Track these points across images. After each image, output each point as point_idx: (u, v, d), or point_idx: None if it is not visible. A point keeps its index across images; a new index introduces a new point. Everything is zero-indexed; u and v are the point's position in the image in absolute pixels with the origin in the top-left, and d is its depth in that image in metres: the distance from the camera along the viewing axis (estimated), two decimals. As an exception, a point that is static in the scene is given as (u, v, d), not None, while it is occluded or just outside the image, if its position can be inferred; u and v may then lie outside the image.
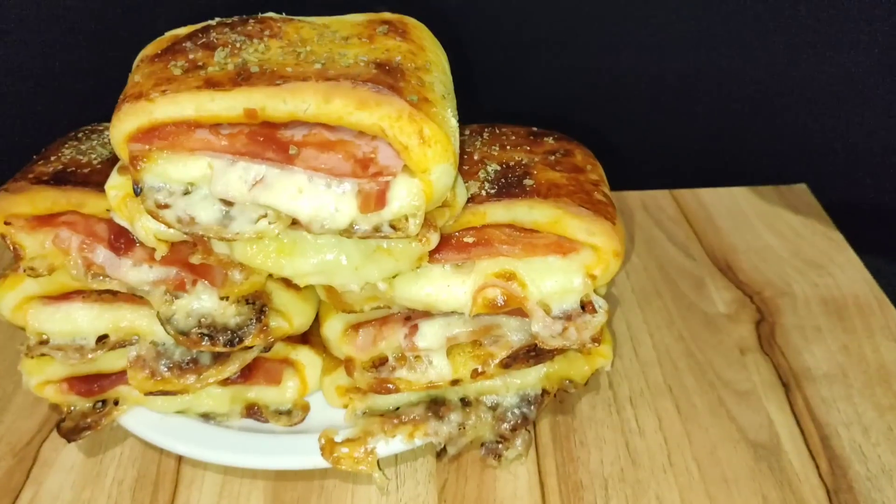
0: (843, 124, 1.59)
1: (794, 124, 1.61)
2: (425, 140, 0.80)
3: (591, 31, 1.52)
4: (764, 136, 1.64)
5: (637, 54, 1.54)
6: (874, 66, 1.49)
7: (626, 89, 1.60)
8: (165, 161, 0.83)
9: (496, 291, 0.93)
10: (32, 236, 0.95)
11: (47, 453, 1.09)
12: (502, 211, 0.93)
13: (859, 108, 1.55)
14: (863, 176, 1.62)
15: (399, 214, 0.82)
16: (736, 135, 1.65)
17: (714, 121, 1.62)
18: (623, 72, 1.57)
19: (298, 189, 0.82)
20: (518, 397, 1.04)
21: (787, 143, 1.64)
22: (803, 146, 1.63)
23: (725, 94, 1.59)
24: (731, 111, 1.61)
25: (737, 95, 1.59)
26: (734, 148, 1.67)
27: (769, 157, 1.66)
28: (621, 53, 1.55)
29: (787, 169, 1.64)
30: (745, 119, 1.62)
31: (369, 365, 1.01)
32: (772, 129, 1.63)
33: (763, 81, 1.56)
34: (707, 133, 1.65)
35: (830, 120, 1.59)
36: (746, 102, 1.60)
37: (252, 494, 1.03)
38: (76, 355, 0.98)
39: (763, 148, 1.66)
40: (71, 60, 1.46)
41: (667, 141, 1.67)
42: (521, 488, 1.03)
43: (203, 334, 0.94)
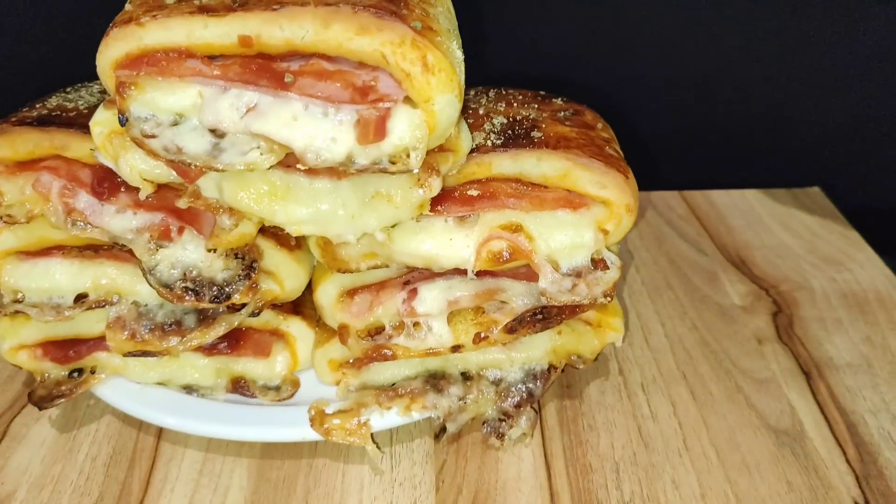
0: (855, 129, 1.55)
1: (806, 129, 1.57)
2: (429, 67, 0.76)
3: (604, 32, 1.50)
4: (775, 142, 1.60)
5: (648, 56, 1.51)
6: (891, 70, 1.46)
7: (634, 90, 1.57)
8: (154, 89, 0.78)
9: (502, 244, 0.87)
10: (11, 181, 0.90)
11: (17, 429, 1.01)
12: (509, 162, 0.88)
13: (874, 112, 1.52)
14: (875, 180, 1.57)
15: (399, 147, 0.77)
16: (745, 140, 1.61)
17: (723, 124, 1.59)
18: (633, 74, 1.54)
19: (293, 117, 0.77)
20: (523, 372, 0.97)
21: (798, 148, 1.60)
22: (815, 151, 1.59)
23: (737, 97, 1.56)
24: (741, 114, 1.58)
25: (749, 99, 1.56)
26: (743, 153, 1.63)
27: (779, 163, 1.62)
28: (632, 56, 1.52)
29: (798, 174, 1.60)
30: (755, 123, 1.58)
31: (364, 333, 0.94)
32: (782, 135, 1.59)
33: (776, 85, 1.53)
34: (716, 137, 1.61)
35: (842, 125, 1.55)
36: (757, 106, 1.56)
37: (235, 472, 0.95)
38: (52, 313, 0.92)
39: (774, 153, 1.62)
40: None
41: (674, 144, 1.63)
42: (526, 470, 0.95)
43: (188, 288, 0.88)
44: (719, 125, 1.60)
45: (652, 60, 1.52)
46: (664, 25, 1.48)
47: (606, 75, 1.55)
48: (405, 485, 0.93)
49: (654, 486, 0.92)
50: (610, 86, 1.56)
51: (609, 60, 1.53)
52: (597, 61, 1.53)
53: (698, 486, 0.92)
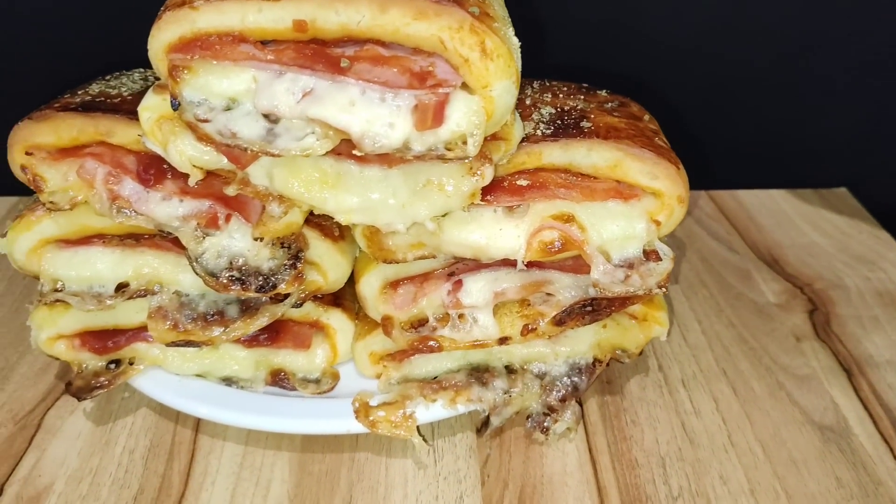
0: (878, 131, 1.55)
1: (829, 130, 1.57)
2: (487, 53, 0.75)
3: (628, 28, 1.49)
4: (797, 142, 1.60)
5: (670, 56, 1.51)
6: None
7: (654, 91, 1.56)
8: (207, 73, 0.77)
9: (553, 234, 0.86)
10: (54, 168, 0.88)
11: (52, 421, 1.00)
12: (559, 152, 0.87)
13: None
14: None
15: (457, 133, 0.76)
16: (766, 141, 1.61)
17: (745, 124, 1.58)
18: (653, 74, 1.54)
19: (350, 102, 0.76)
20: (567, 366, 0.96)
21: (820, 149, 1.59)
22: (841, 152, 1.59)
23: (760, 97, 1.55)
24: (763, 115, 1.57)
25: (771, 99, 1.55)
26: (765, 153, 1.62)
27: (800, 164, 1.61)
28: (653, 55, 1.52)
29: (819, 175, 1.59)
30: (777, 124, 1.58)
31: (408, 325, 0.93)
32: (805, 136, 1.59)
33: (799, 84, 1.53)
34: (737, 137, 1.60)
35: (866, 126, 1.55)
36: (780, 106, 1.56)
37: (276, 466, 0.94)
38: (93, 302, 0.91)
39: (795, 154, 1.61)
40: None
41: (697, 144, 1.62)
42: (571, 465, 0.94)
43: (234, 277, 0.87)
44: (741, 125, 1.59)
45: (674, 60, 1.51)
46: (691, 25, 1.48)
47: (630, 73, 1.54)
48: (450, 479, 0.92)
49: (703, 481, 0.91)
50: (633, 85, 1.55)
51: (631, 59, 1.52)
52: (619, 58, 1.52)
53: (746, 482, 0.91)
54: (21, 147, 0.88)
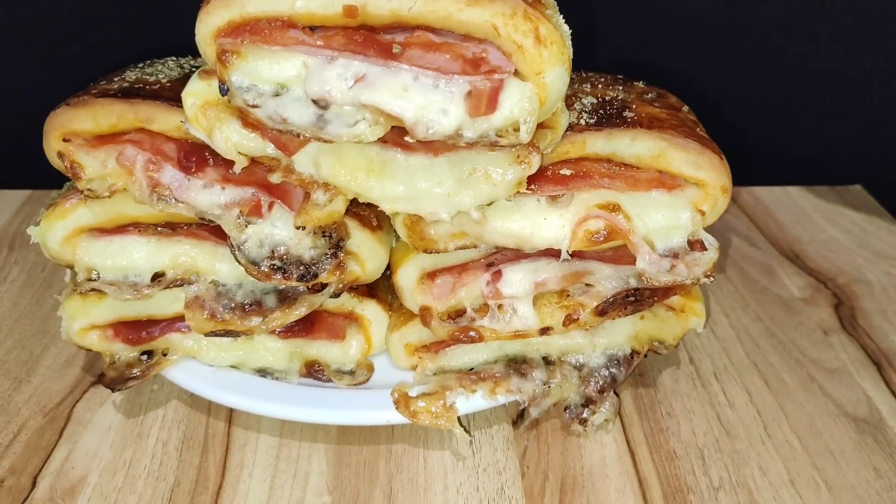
0: (891, 128, 1.56)
1: (846, 127, 1.58)
2: (541, 39, 0.74)
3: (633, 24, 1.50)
4: (811, 139, 1.61)
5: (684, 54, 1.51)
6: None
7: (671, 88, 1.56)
8: (256, 58, 0.76)
9: (599, 224, 0.85)
10: (92, 155, 0.87)
11: (81, 413, 0.98)
12: (602, 141, 0.86)
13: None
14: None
15: (510, 120, 0.76)
16: (779, 138, 1.61)
17: (760, 120, 1.59)
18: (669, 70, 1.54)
19: (403, 87, 0.75)
20: (605, 357, 0.96)
21: (838, 146, 1.60)
22: (853, 149, 1.60)
23: (774, 95, 1.56)
24: (776, 112, 1.58)
25: (785, 96, 1.56)
26: (778, 150, 1.63)
27: (816, 160, 1.62)
28: (668, 52, 1.52)
29: (830, 172, 1.60)
30: (791, 120, 1.59)
31: (445, 316, 0.93)
32: (818, 133, 1.60)
33: (811, 83, 1.54)
34: (751, 134, 1.61)
35: (882, 124, 1.56)
36: (793, 103, 1.57)
37: (313, 457, 0.93)
38: (130, 291, 0.89)
39: (811, 151, 1.62)
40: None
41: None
42: (610, 456, 0.93)
43: (276, 266, 0.86)
44: (754, 122, 1.60)
45: (687, 58, 1.52)
46: (706, 23, 1.48)
47: (645, 69, 1.54)
48: (489, 470, 0.91)
49: (742, 472, 0.91)
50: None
51: (644, 54, 1.53)
52: (632, 52, 1.53)
53: (786, 473, 0.91)
54: (58, 133, 0.87)
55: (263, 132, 0.81)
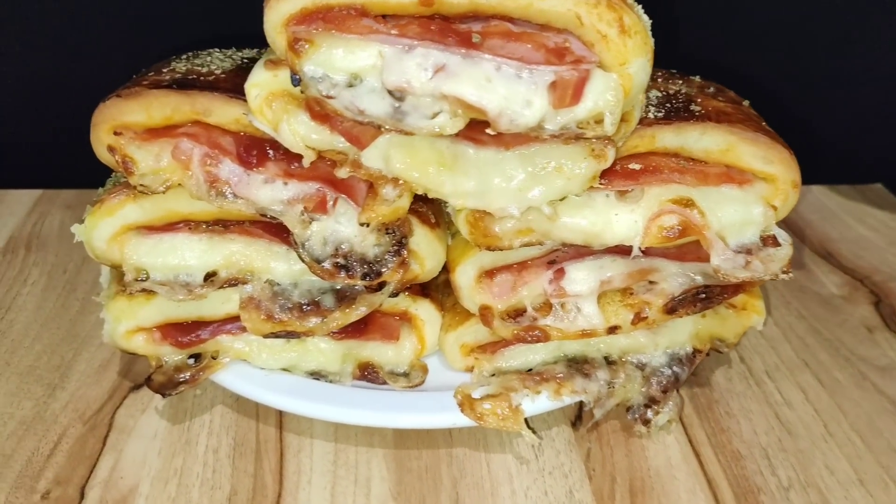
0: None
1: (864, 125, 1.58)
2: (625, 29, 0.73)
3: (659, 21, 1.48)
4: (830, 138, 1.61)
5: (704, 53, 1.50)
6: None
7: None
8: (330, 47, 0.73)
9: (672, 220, 0.84)
10: (144, 149, 0.83)
11: (123, 420, 0.94)
12: (671, 135, 0.85)
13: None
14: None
15: (593, 112, 0.74)
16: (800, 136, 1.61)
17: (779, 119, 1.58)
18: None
19: (486, 78, 0.72)
20: (667, 356, 0.94)
21: (856, 144, 1.61)
22: (873, 147, 1.61)
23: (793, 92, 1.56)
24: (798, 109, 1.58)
25: (804, 94, 1.56)
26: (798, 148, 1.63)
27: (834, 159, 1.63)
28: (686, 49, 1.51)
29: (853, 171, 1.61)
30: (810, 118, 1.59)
31: (505, 315, 0.90)
32: (839, 130, 1.60)
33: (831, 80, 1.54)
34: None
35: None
36: (811, 101, 1.57)
37: (372, 462, 0.89)
38: (183, 291, 0.85)
39: (830, 149, 1.62)
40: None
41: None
42: (675, 457, 0.91)
43: (339, 264, 0.83)
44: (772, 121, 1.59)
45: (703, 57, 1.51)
46: (726, 23, 1.48)
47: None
48: (555, 473, 0.89)
49: (809, 471, 0.90)
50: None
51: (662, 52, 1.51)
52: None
53: (853, 472, 0.90)
54: (108, 126, 0.83)
55: (333, 125, 0.78)
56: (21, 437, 0.91)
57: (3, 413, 0.94)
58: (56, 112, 1.43)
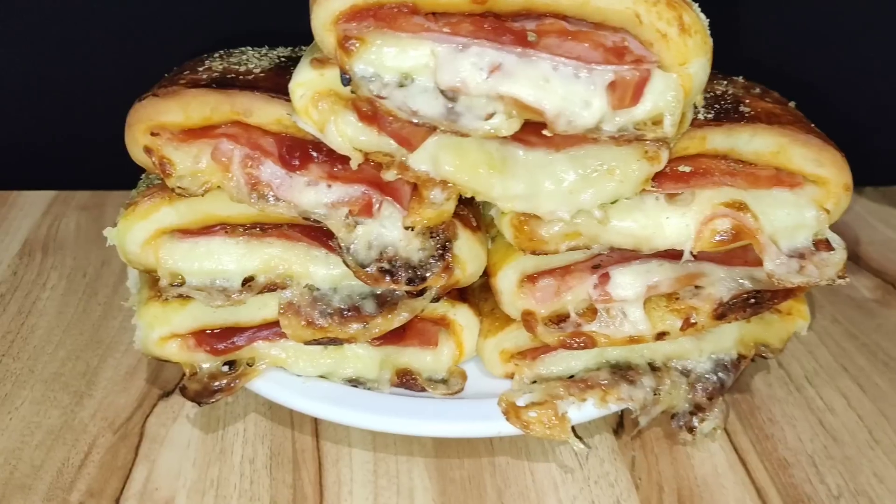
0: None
1: (883, 126, 1.57)
2: (685, 28, 0.71)
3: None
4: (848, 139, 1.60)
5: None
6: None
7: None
8: (382, 45, 0.71)
9: (725, 223, 0.82)
10: (182, 150, 0.80)
11: (154, 429, 0.91)
12: (722, 137, 0.83)
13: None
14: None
15: (653, 113, 0.72)
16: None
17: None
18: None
19: (544, 78, 0.70)
20: (712, 362, 0.92)
21: (876, 145, 1.60)
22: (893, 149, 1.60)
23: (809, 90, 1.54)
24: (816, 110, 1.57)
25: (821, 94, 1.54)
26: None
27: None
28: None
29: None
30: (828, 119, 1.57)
31: (547, 321, 0.88)
32: (858, 133, 1.59)
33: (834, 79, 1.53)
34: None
35: None
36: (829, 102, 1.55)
37: (413, 472, 0.87)
38: (221, 297, 0.83)
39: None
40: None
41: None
42: (721, 465, 0.90)
43: (384, 269, 0.80)
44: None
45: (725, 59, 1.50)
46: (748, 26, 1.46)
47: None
48: (601, 483, 0.87)
49: (858, 479, 0.88)
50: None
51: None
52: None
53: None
54: (145, 127, 0.80)
55: (381, 126, 0.75)
56: (50, 447, 0.88)
57: (29, 422, 0.91)
58: (67, 113, 1.40)
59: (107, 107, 1.36)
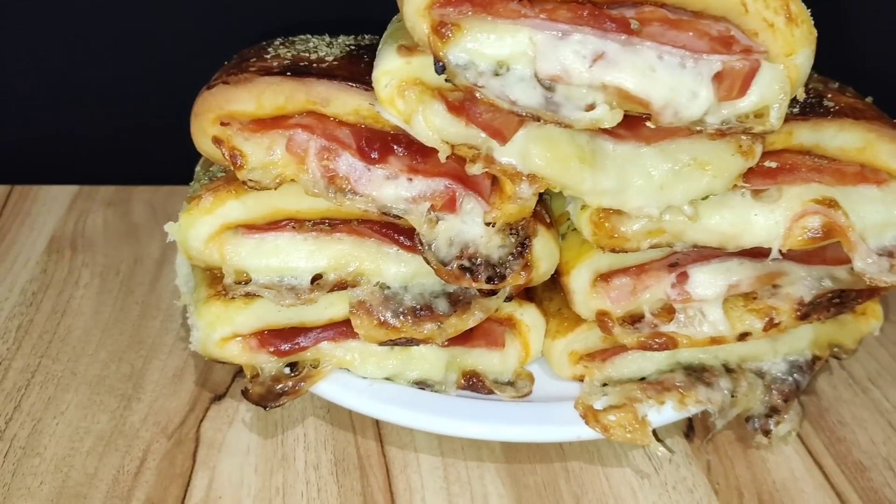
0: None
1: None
2: (792, 17, 0.68)
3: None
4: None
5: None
6: None
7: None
8: (478, 32, 0.68)
9: (815, 221, 0.79)
10: (253, 141, 0.76)
11: (210, 434, 0.87)
12: (808, 132, 0.80)
13: None
14: None
15: (759, 105, 0.69)
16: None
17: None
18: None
19: (650, 67, 0.67)
20: (787, 364, 0.90)
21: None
22: None
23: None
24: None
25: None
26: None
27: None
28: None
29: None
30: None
31: (622, 321, 0.85)
32: None
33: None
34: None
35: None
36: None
37: (485, 478, 0.84)
38: (291, 296, 0.79)
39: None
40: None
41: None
42: (798, 469, 0.87)
43: (464, 267, 0.77)
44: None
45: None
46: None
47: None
48: (679, 488, 0.84)
49: (937, 483, 0.87)
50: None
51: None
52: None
53: (982, 482, 0.87)
54: (214, 116, 0.76)
55: (470, 117, 0.72)
56: (102, 453, 0.84)
57: (77, 427, 0.87)
58: (91, 107, 1.35)
59: (128, 101, 1.33)
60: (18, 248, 1.16)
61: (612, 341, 0.89)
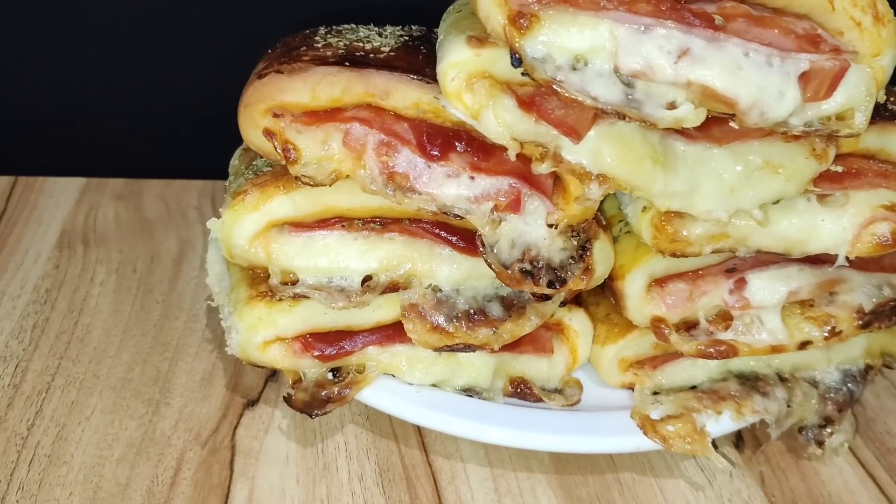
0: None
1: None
2: (879, 17, 0.66)
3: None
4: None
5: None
6: None
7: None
8: (557, 24, 0.64)
9: (885, 227, 0.77)
10: (309, 134, 0.72)
11: (246, 442, 0.83)
12: (875, 136, 0.78)
13: None
14: None
15: (844, 107, 0.67)
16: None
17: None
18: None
19: (737, 65, 0.65)
20: (841, 373, 0.88)
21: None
22: None
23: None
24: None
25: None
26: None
27: None
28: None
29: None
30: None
31: (677, 328, 0.83)
32: None
33: None
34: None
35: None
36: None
37: (537, 490, 0.81)
38: (341, 297, 0.75)
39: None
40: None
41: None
42: (852, 481, 0.85)
43: (525, 270, 0.74)
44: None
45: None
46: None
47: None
48: (734, 500, 0.82)
49: None
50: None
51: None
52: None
53: None
54: (266, 107, 0.72)
55: (541, 113, 0.69)
56: (133, 462, 0.79)
57: (105, 433, 0.82)
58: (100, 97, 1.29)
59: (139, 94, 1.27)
60: (28, 242, 1.10)
61: (663, 348, 0.86)
